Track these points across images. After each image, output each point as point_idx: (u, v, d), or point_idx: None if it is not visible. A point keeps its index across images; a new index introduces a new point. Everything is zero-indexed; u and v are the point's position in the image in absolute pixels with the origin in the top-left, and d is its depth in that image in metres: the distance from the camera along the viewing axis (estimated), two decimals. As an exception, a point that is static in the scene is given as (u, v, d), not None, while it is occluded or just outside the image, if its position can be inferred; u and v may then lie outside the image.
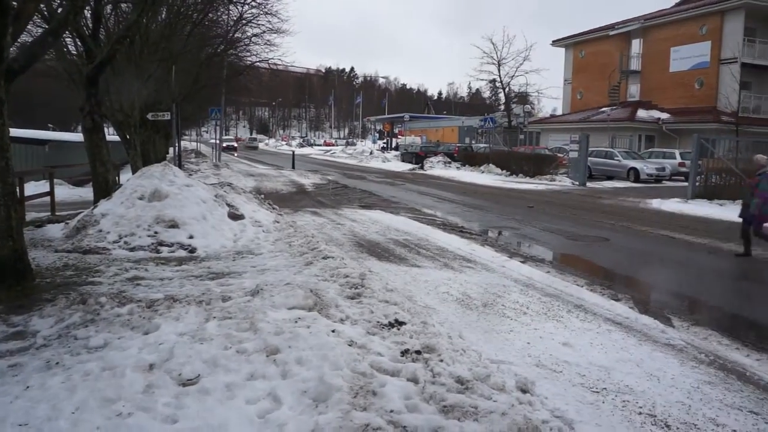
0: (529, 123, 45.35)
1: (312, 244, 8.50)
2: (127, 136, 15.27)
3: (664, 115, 36.10)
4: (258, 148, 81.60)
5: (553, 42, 47.84)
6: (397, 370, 3.96)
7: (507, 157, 30.61)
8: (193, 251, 8.31)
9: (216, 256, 8.11)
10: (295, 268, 7.14)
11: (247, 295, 5.50)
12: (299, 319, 4.79)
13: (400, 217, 13.44)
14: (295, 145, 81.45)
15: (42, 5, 9.66)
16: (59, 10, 9.88)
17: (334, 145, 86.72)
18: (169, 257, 7.99)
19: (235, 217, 10.05)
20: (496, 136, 41.93)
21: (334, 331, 4.56)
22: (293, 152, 42.51)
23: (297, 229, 10.01)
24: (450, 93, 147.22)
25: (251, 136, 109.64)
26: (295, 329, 4.47)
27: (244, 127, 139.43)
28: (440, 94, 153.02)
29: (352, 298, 5.68)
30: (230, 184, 15.11)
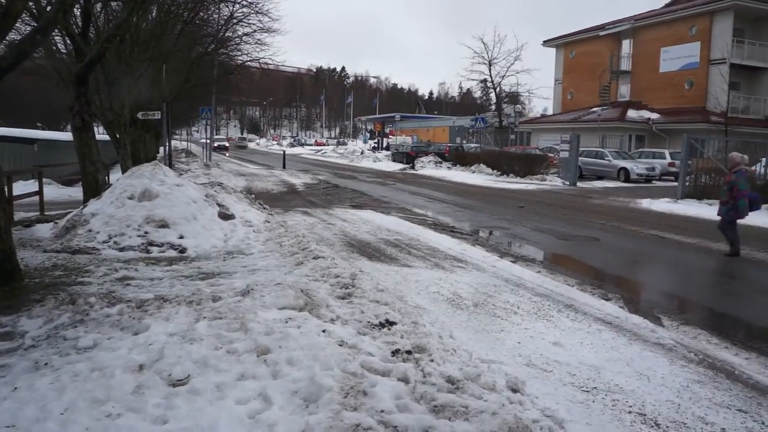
0: (520, 123, 45.46)
1: (303, 244, 8.48)
2: (117, 136, 15.20)
3: (654, 116, 36.36)
4: (247, 147, 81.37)
5: (544, 42, 48.05)
6: (388, 370, 3.96)
7: (498, 157, 30.68)
8: (184, 251, 8.28)
9: (206, 256, 8.07)
10: (286, 268, 7.13)
11: (238, 296, 5.48)
12: (290, 319, 4.77)
13: (391, 217, 13.44)
14: (286, 145, 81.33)
15: (31, 3, 9.58)
16: (48, 8, 9.79)
17: (325, 145, 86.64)
18: (160, 257, 7.94)
19: (226, 217, 10.01)
20: (487, 136, 42.06)
21: (324, 331, 4.55)
22: (284, 152, 42.38)
23: (288, 229, 9.99)
24: (441, 93, 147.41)
25: (241, 136, 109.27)
26: (286, 329, 4.46)
27: (235, 127, 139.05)
28: (431, 93, 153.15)
29: (343, 298, 5.66)
30: (221, 184, 15.07)
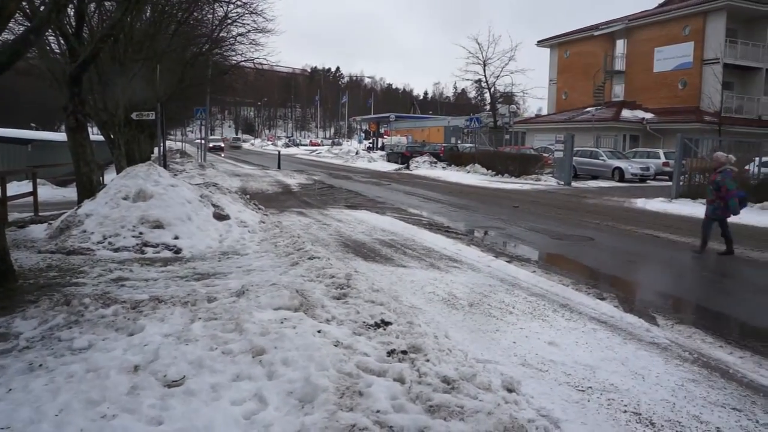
0: (515, 123, 45.51)
1: (298, 245, 8.47)
2: (112, 136, 15.15)
3: (648, 115, 36.50)
4: (242, 147, 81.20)
5: (538, 42, 48.17)
6: (384, 371, 3.95)
7: (492, 157, 30.73)
8: (179, 252, 8.25)
9: (201, 257, 8.06)
10: (281, 269, 7.12)
11: (233, 296, 5.47)
12: (285, 319, 4.76)
13: (386, 217, 13.44)
14: (281, 145, 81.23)
15: (24, 3, 9.54)
16: (41, 8, 9.75)
17: (320, 145, 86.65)
18: (154, 258, 7.92)
19: (221, 217, 9.99)
20: (482, 136, 42.12)
21: (320, 331, 4.55)
22: (279, 152, 42.37)
23: (283, 230, 9.97)
24: (436, 93, 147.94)
25: (235, 136, 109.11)
26: (281, 330, 4.46)
27: (230, 127, 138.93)
28: (426, 94, 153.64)
29: (338, 299, 5.66)
30: (216, 185, 15.05)
